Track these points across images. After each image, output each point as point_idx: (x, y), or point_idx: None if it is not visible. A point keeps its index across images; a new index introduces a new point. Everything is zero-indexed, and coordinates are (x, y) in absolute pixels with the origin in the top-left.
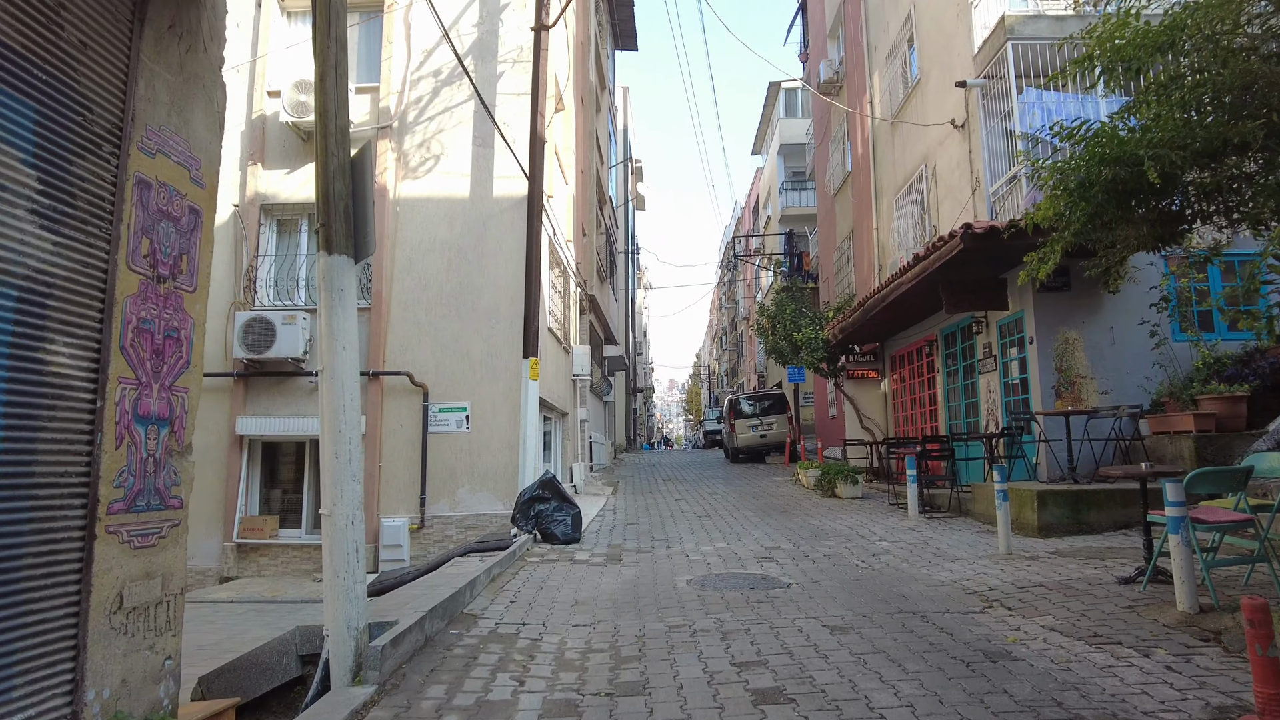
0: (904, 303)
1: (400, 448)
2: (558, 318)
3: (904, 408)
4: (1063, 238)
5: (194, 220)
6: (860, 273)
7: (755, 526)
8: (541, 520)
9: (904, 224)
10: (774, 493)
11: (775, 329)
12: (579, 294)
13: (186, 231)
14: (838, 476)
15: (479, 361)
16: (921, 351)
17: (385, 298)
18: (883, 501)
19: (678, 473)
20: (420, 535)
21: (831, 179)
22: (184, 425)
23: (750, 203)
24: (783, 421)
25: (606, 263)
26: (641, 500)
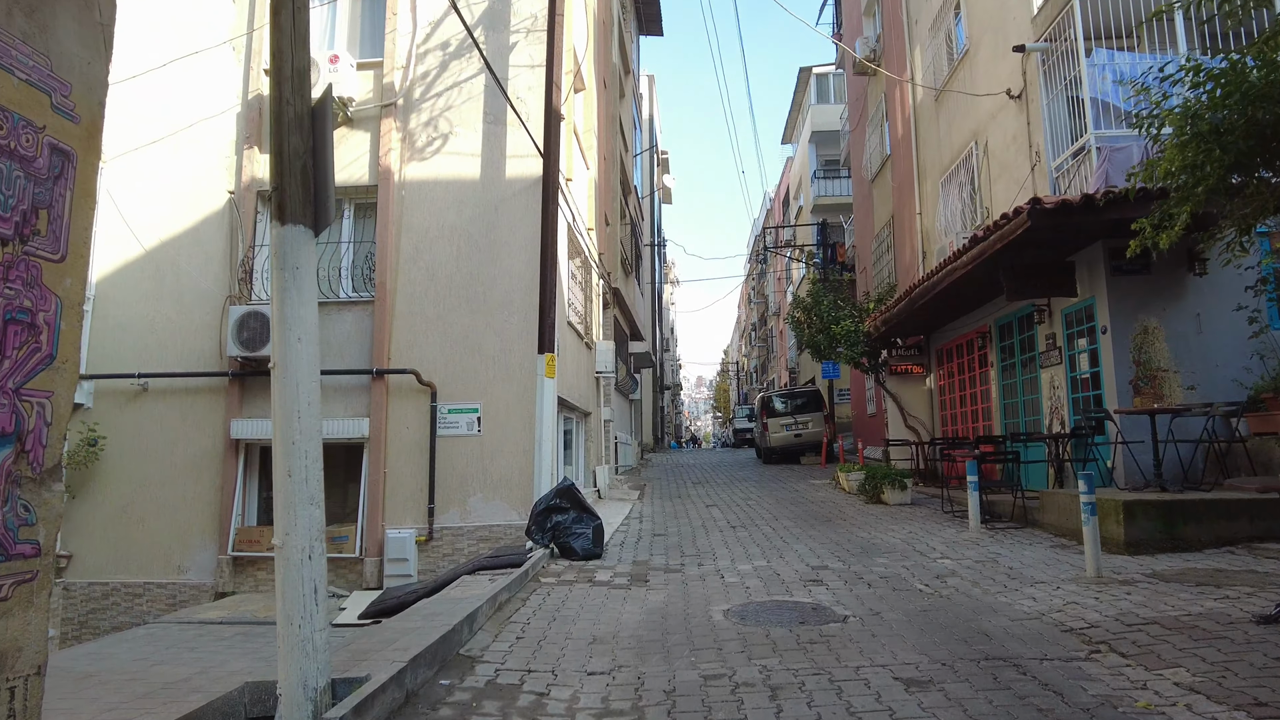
0: (955, 291)
1: (406, 452)
2: (578, 311)
3: (952, 405)
4: (1193, 195)
5: (61, 164)
6: (902, 261)
7: (797, 539)
8: (559, 533)
9: (951, 207)
10: (813, 498)
11: (811, 322)
12: (601, 286)
13: (46, 178)
14: (884, 481)
15: (491, 358)
16: (973, 344)
17: (390, 289)
18: (935, 509)
19: (708, 475)
20: (429, 548)
21: (869, 164)
22: (43, 442)
23: (780, 194)
24: (819, 420)
25: (632, 255)
26: (670, 507)
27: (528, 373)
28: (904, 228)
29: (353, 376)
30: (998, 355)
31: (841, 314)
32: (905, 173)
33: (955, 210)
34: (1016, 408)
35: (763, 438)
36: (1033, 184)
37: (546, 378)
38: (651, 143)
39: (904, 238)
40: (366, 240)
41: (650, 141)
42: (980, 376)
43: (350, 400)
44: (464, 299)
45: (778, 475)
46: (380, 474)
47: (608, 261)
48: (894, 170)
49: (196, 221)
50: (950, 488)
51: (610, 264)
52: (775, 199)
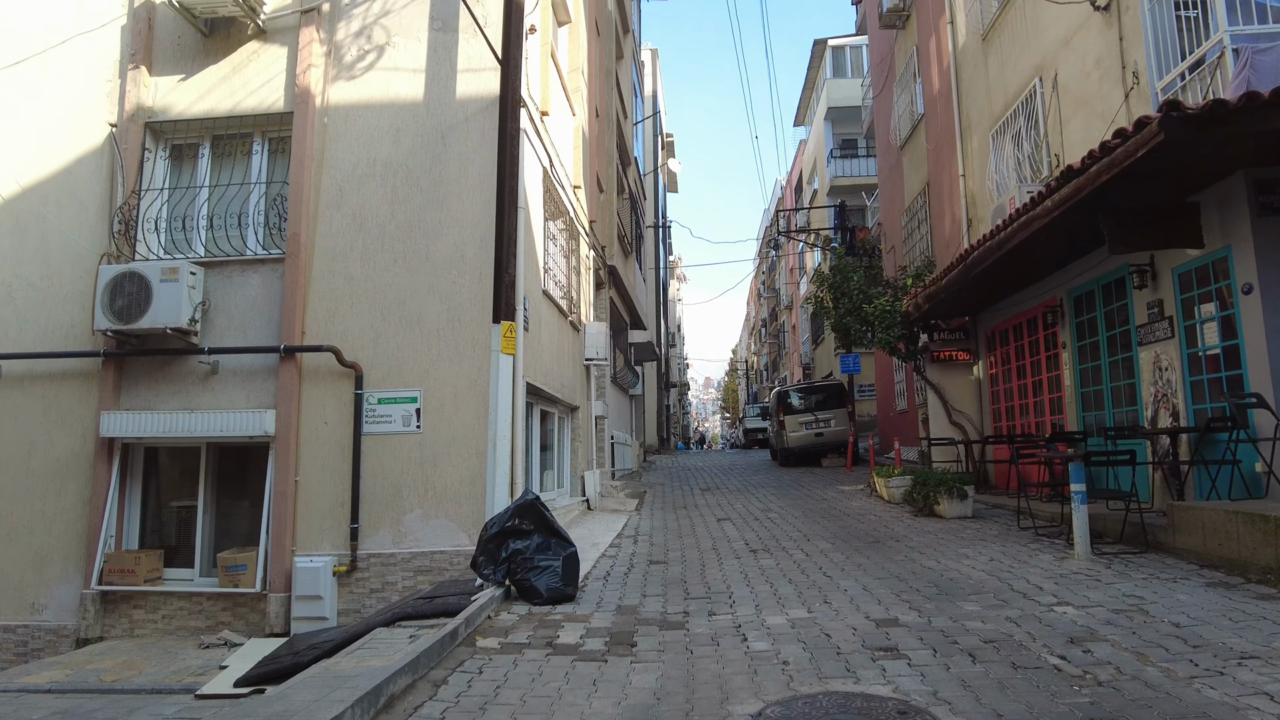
0: (1024, 252)
1: (324, 455)
2: (560, 282)
3: (1007, 397)
4: None
5: None
6: (940, 234)
7: (842, 571)
8: (517, 565)
9: (1004, 163)
10: (847, 510)
11: (839, 303)
12: (593, 260)
13: None
14: (939, 488)
15: (435, 331)
16: (1035, 323)
17: (306, 243)
18: (1006, 524)
19: (718, 479)
20: (352, 581)
21: (896, 129)
22: None
23: (793, 180)
24: (842, 417)
25: (632, 234)
26: (673, 520)
27: (483, 350)
28: (943, 195)
29: (256, 356)
30: (1072, 334)
31: (874, 292)
32: (944, 131)
33: (1009, 166)
34: (1098, 397)
35: (779, 437)
36: (1127, 114)
37: (503, 354)
38: (656, 123)
39: (942, 206)
40: (281, 181)
41: (655, 121)
42: (1047, 361)
43: (252, 387)
44: (400, 254)
45: (798, 480)
46: (290, 483)
47: (602, 233)
48: (929, 131)
49: (68, 162)
50: (1028, 496)
51: (605, 237)
52: (787, 186)
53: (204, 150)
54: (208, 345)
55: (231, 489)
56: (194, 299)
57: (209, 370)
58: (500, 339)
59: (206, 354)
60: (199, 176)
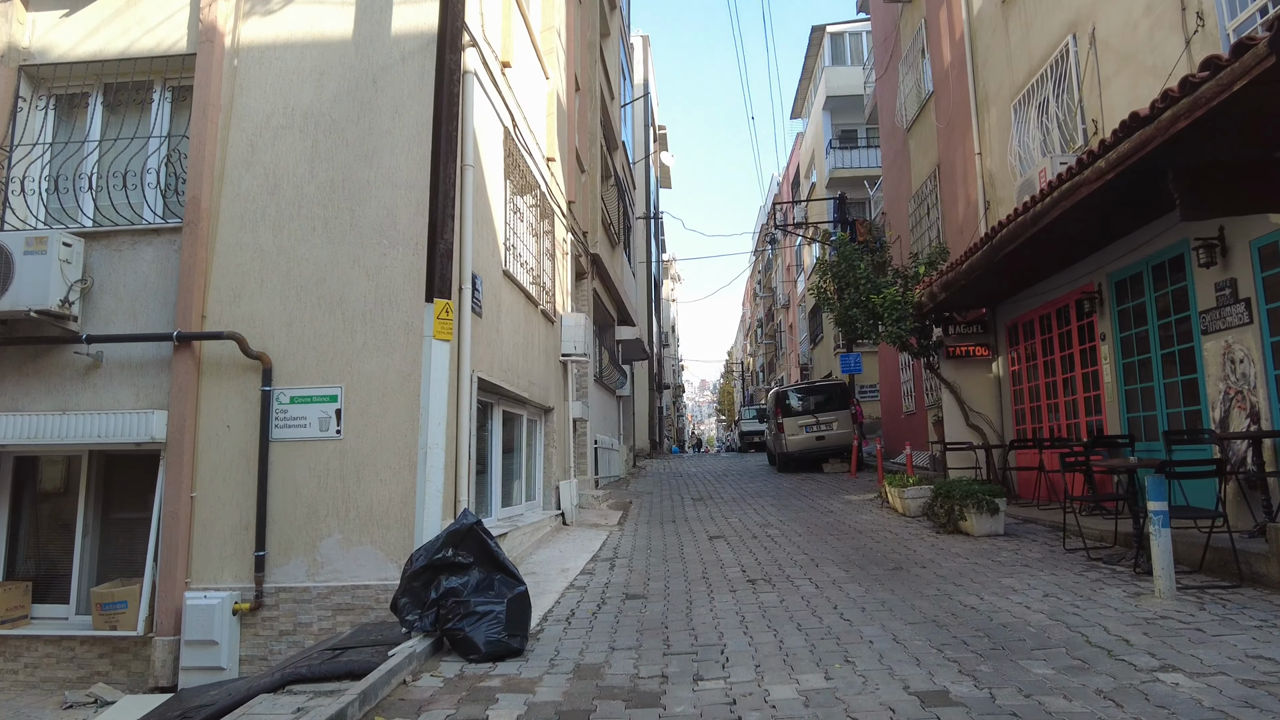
0: (1058, 232)
1: (226, 466)
2: (530, 266)
3: (1031, 396)
4: None
5: None
6: (953, 218)
7: (862, 610)
8: (450, 609)
9: (1029, 135)
10: (856, 524)
11: (844, 293)
12: (570, 242)
13: None
14: (966, 501)
15: (362, 315)
16: (1065, 313)
17: (209, 208)
18: (1046, 543)
19: (712, 487)
20: (258, 621)
21: (902, 110)
22: None
23: (789, 175)
24: (845, 419)
25: (619, 222)
26: (658, 538)
27: (417, 337)
28: (955, 177)
29: (147, 346)
30: (1114, 323)
31: (882, 281)
32: (957, 107)
33: (1035, 138)
34: (1147, 395)
35: (777, 441)
36: (1189, 62)
37: (436, 340)
38: (646, 106)
39: (955, 189)
40: (183, 136)
41: (645, 100)
42: (1082, 355)
43: (143, 383)
44: (321, 221)
45: (800, 488)
46: (183, 500)
47: (583, 218)
48: (939, 109)
49: None
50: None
51: (587, 221)
52: (784, 181)
53: (94, 101)
54: (88, 333)
55: (122, 507)
56: (69, 276)
57: (90, 363)
58: (433, 321)
59: (85, 343)
60: (89, 131)
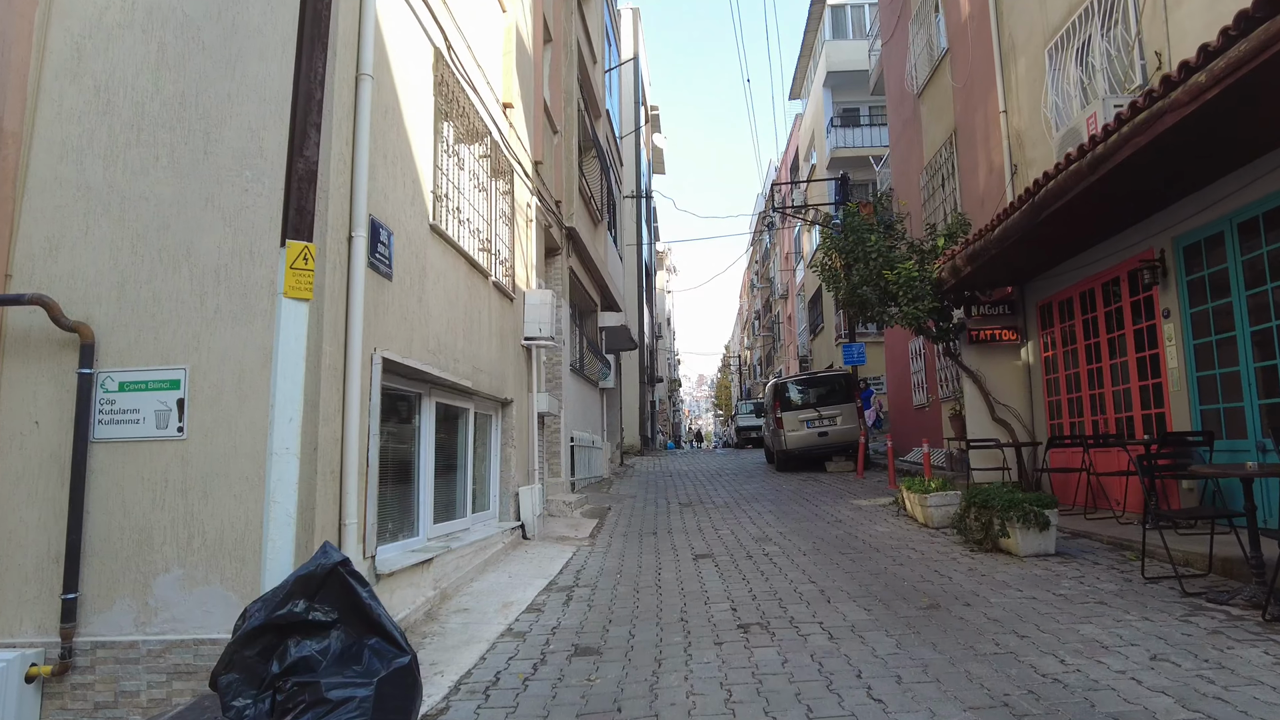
0: (1120, 183)
1: (31, 476)
2: (478, 230)
3: (1068, 386)
4: None
5: None
6: (972, 187)
7: (897, 680)
8: (289, 693)
9: (1067, 83)
10: (871, 538)
11: (852, 269)
12: (536, 209)
13: None
14: (1010, 514)
15: (214, 271)
16: (1113, 288)
17: (16, 133)
18: (1114, 568)
19: (703, 489)
20: (64, 690)
21: (912, 74)
22: None
23: (788, 158)
24: (850, 414)
25: (602, 199)
26: (633, 556)
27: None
28: (975, 141)
29: None
30: (1181, 297)
31: (897, 255)
32: (978, 63)
33: (1074, 87)
34: (1231, 383)
35: (776, 437)
36: None
37: (288, 299)
38: (636, 79)
39: (975, 155)
40: None
41: (635, 72)
42: (1136, 337)
43: None
44: (167, 148)
45: (801, 491)
46: None
47: (556, 185)
48: (955, 68)
49: None
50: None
51: (561, 190)
52: (782, 165)
53: None
54: None
55: None
56: None
57: None
58: (285, 272)
59: None
60: None
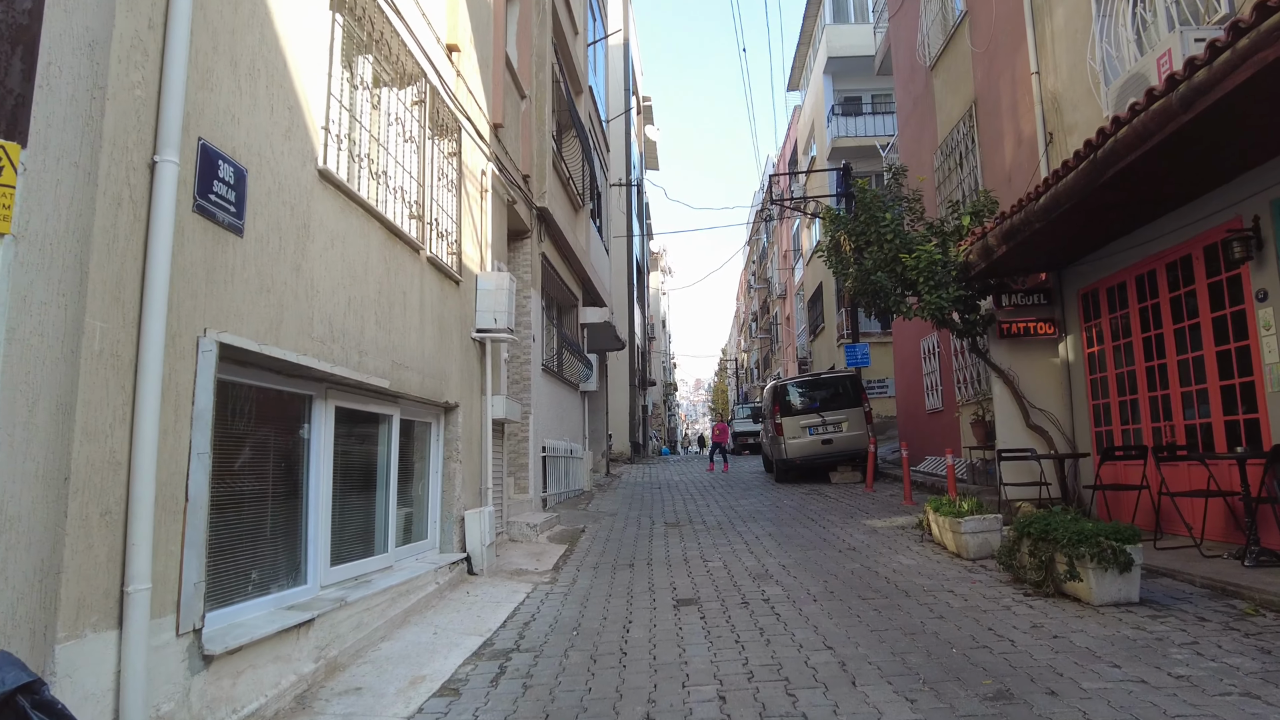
0: (1211, 130)
1: None
2: (404, 190)
3: (1119, 387)
4: None
5: None
6: (997, 163)
7: None
8: None
9: (1120, 27)
10: (896, 575)
11: (864, 253)
12: (493, 178)
13: None
14: (1082, 551)
15: None
16: (1182, 269)
17: None
18: (1226, 624)
19: (693, 504)
20: None
21: (923, 46)
22: None
23: (786, 151)
24: (857, 419)
25: (584, 183)
26: (598, 603)
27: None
28: (999, 111)
29: None
30: (1279, 272)
31: (914, 236)
32: (1004, 21)
33: (1132, 25)
34: None
35: (775, 445)
36: None
37: None
38: (627, 64)
39: (1000, 125)
40: None
41: (626, 65)
42: (1218, 327)
43: None
44: None
45: (804, 507)
46: None
47: (523, 157)
48: (975, 31)
49: None
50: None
51: (530, 164)
52: (780, 159)
53: None
54: None
55: None
56: None
57: None
58: None
59: None
60: None
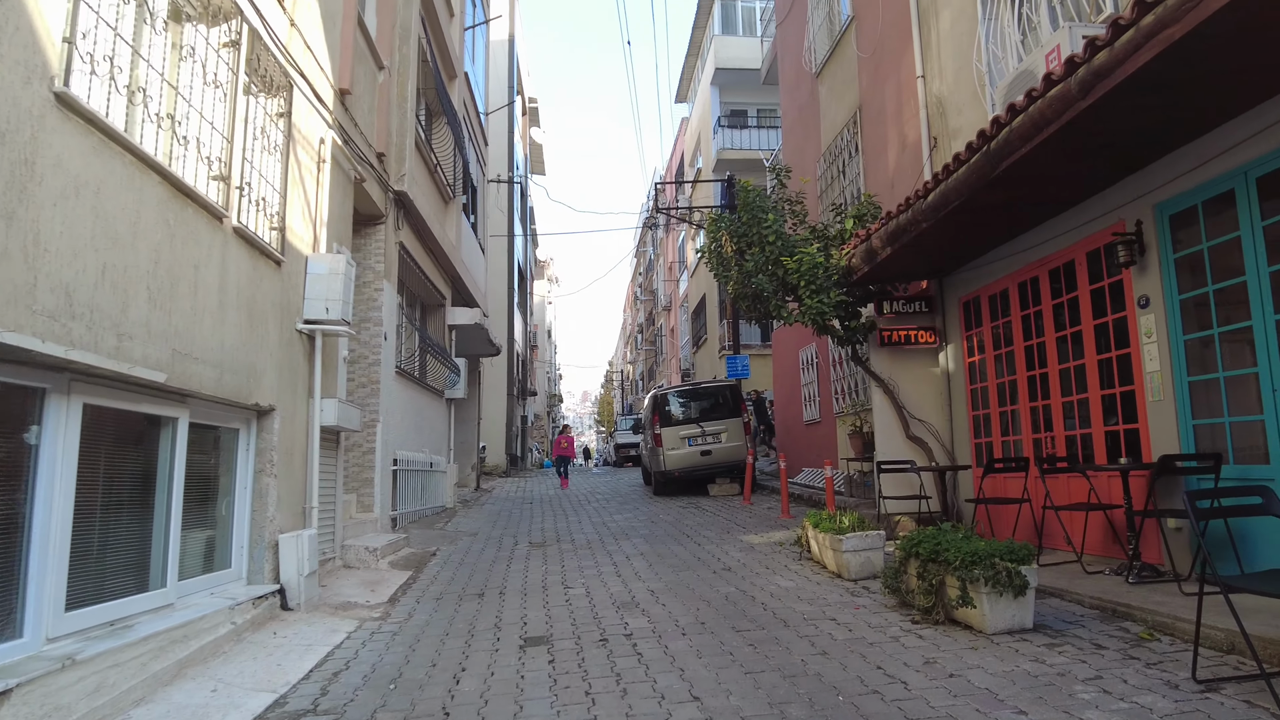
0: (1104, 121)
1: None
2: (201, 142)
3: (999, 397)
4: None
5: None
6: (879, 169)
7: None
8: None
9: (1005, 30)
10: (774, 602)
11: (746, 255)
12: (333, 147)
13: None
14: (976, 574)
15: None
16: (1064, 276)
17: None
18: (1126, 652)
19: (566, 521)
20: None
21: (810, 52)
22: None
23: (673, 164)
24: (736, 429)
25: (456, 175)
26: (432, 644)
27: None
28: (885, 115)
29: None
30: (1167, 280)
31: (798, 238)
32: (890, 26)
33: (1012, 36)
34: (1240, 389)
35: (654, 456)
36: None
37: None
38: (511, 59)
39: (884, 131)
40: None
41: (511, 61)
42: (1099, 335)
43: None
44: None
45: (681, 521)
46: None
47: (377, 134)
48: (861, 37)
49: None
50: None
51: (386, 143)
52: (667, 172)
53: None
54: None
55: None
56: None
57: None
58: None
59: None
60: None
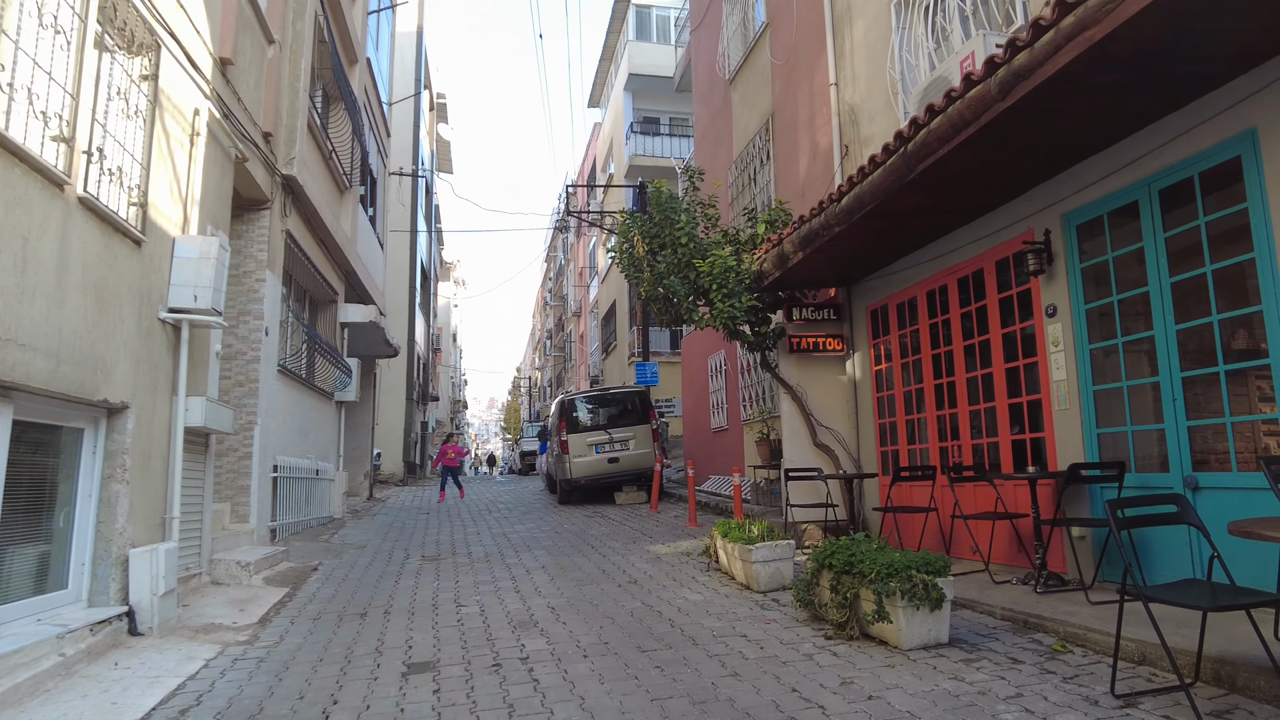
0: (1021, 127)
1: None
2: (38, 97)
3: (906, 405)
4: None
5: None
6: (791, 176)
7: None
8: None
9: (917, 41)
10: (682, 617)
11: (658, 256)
12: (210, 120)
13: None
14: (892, 586)
15: None
16: (973, 284)
17: None
18: (1041, 666)
19: (464, 532)
20: None
21: (723, 58)
22: None
23: (585, 169)
24: (644, 436)
25: (354, 164)
26: (302, 671)
27: None
28: (797, 122)
29: None
30: (1074, 289)
31: (710, 241)
32: (804, 33)
33: (924, 47)
34: (1142, 400)
35: (560, 464)
36: None
37: None
38: (419, 50)
39: (796, 138)
40: None
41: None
42: (1007, 344)
43: None
44: None
45: (586, 532)
46: None
47: (264, 113)
48: (775, 43)
49: None
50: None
51: (273, 122)
52: (579, 176)
53: None
54: None
55: None
56: None
57: None
58: None
59: None
60: None
